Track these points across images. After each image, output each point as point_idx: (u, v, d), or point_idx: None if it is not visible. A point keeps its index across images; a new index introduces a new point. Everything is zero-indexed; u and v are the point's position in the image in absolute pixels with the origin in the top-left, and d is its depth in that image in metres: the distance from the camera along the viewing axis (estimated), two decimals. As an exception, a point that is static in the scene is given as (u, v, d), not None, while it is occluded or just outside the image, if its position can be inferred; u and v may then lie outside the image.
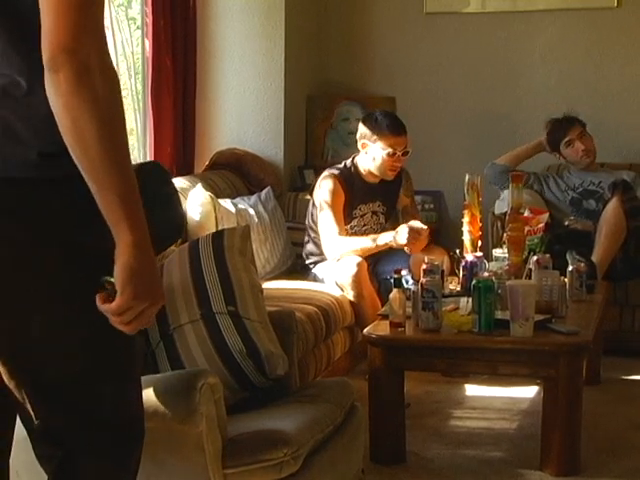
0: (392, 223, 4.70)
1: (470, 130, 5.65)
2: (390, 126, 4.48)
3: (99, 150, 1.49)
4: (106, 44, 1.53)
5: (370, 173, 4.54)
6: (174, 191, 2.44)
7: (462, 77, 5.65)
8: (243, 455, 2.33)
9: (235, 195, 4.79)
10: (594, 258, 4.50)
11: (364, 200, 4.58)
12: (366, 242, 4.39)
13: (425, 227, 4.28)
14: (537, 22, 5.55)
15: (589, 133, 5.05)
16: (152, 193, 2.45)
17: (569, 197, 5.04)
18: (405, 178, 4.72)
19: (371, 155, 4.49)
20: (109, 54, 1.53)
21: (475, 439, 3.67)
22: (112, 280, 1.56)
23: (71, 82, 1.46)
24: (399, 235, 4.25)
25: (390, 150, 4.43)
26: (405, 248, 4.25)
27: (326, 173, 4.54)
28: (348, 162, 4.59)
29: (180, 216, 2.62)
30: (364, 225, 4.60)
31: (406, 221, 4.59)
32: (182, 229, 2.62)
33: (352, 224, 4.54)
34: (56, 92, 1.48)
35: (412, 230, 4.23)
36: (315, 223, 4.56)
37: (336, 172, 4.52)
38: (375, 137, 4.46)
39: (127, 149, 1.56)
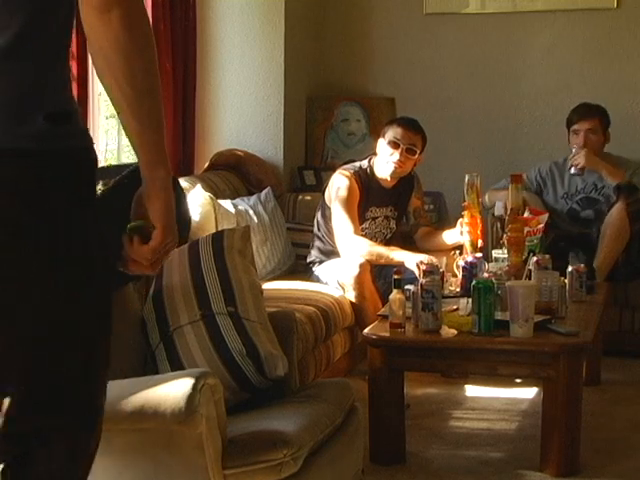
0: (400, 225, 4.71)
1: (470, 131, 5.65)
2: (401, 119, 4.53)
3: (145, 82, 1.61)
4: None
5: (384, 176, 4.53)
6: (181, 189, 2.44)
7: (462, 78, 5.65)
8: (243, 456, 2.33)
9: (235, 196, 4.80)
10: (596, 262, 4.49)
11: (377, 203, 4.56)
12: (384, 251, 4.36)
13: (435, 261, 4.18)
14: (537, 23, 5.56)
15: (604, 131, 4.95)
16: None
17: (567, 207, 4.98)
18: (416, 182, 4.71)
19: (379, 149, 4.48)
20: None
21: (475, 440, 3.67)
22: (141, 223, 1.68)
23: (122, 20, 1.58)
24: (412, 262, 4.20)
25: (392, 138, 4.41)
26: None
27: (341, 171, 4.52)
28: (364, 163, 4.55)
29: (187, 215, 2.62)
30: (375, 228, 4.58)
31: (417, 222, 4.67)
32: (189, 228, 2.62)
33: (363, 226, 4.51)
34: (107, 29, 1.58)
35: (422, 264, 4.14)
36: (326, 220, 4.52)
37: (352, 170, 4.49)
38: (385, 129, 4.48)
39: (161, 88, 1.67)
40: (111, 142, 4.76)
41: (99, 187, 2.32)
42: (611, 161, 4.95)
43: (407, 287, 3.51)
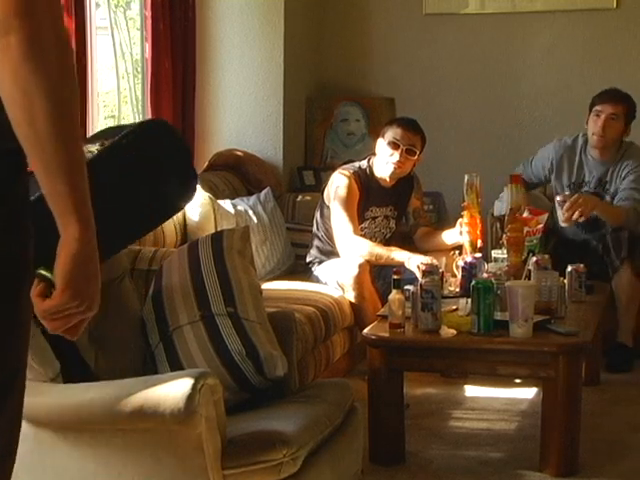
0: (400, 225, 4.71)
1: (469, 131, 5.65)
2: (400, 120, 4.52)
3: (48, 126, 1.36)
4: (61, 12, 1.42)
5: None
6: (188, 149, 2.43)
7: (461, 78, 5.66)
8: (242, 456, 2.34)
9: (234, 196, 4.80)
10: (621, 337, 4.51)
11: (377, 203, 4.55)
12: (384, 251, 4.36)
13: (436, 263, 4.14)
14: (536, 23, 5.56)
15: (627, 121, 4.68)
16: (167, 151, 2.43)
17: None
18: (416, 182, 4.70)
19: (378, 150, 4.48)
20: (64, 24, 1.41)
21: (474, 440, 3.67)
22: (48, 275, 1.44)
23: (22, 47, 1.33)
24: (412, 263, 4.19)
25: (392, 139, 4.41)
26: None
27: (340, 171, 4.51)
28: (363, 163, 4.53)
29: (195, 173, 2.61)
30: (375, 227, 4.58)
31: (417, 222, 4.66)
32: (195, 187, 2.62)
33: (363, 225, 4.51)
34: (4, 58, 1.34)
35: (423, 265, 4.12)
36: (325, 219, 4.52)
37: (351, 170, 4.48)
38: (384, 130, 4.48)
39: (78, 131, 1.43)
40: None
41: (96, 148, 2.28)
42: (633, 148, 4.74)
43: (406, 287, 3.51)
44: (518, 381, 4.25)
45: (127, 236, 2.61)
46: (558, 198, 4.48)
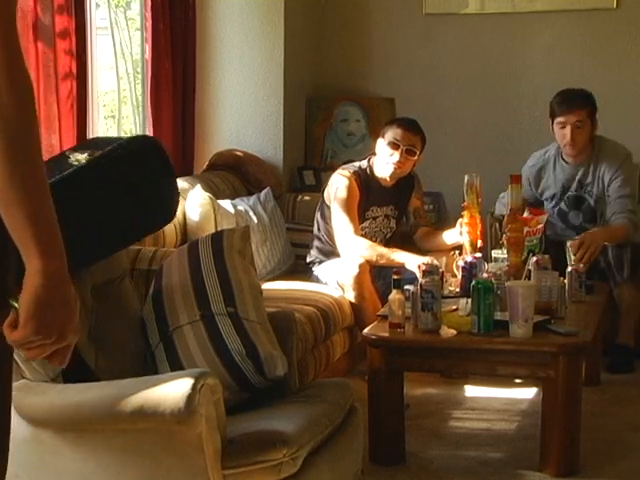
0: (400, 224, 4.71)
1: (469, 131, 5.65)
2: (400, 120, 4.53)
3: (3, 164, 1.33)
4: (16, 41, 1.35)
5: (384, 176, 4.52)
6: (173, 170, 2.46)
7: (461, 78, 5.65)
8: (242, 456, 2.34)
9: (234, 196, 4.80)
10: (621, 340, 4.52)
11: (378, 202, 4.55)
12: (385, 252, 4.35)
13: (436, 263, 4.12)
14: (536, 23, 5.56)
15: (593, 121, 4.63)
16: (151, 170, 2.45)
17: (557, 208, 4.75)
18: (416, 182, 4.70)
19: (378, 150, 4.48)
20: (21, 54, 1.35)
21: (474, 440, 3.67)
22: (17, 306, 1.39)
23: None
24: (412, 263, 4.17)
25: (392, 139, 4.41)
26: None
27: (340, 171, 4.51)
28: (363, 163, 4.54)
29: (177, 194, 2.63)
30: (375, 227, 4.58)
31: (417, 222, 4.66)
32: (176, 208, 2.65)
33: (363, 225, 4.51)
34: None
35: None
36: (325, 220, 4.52)
37: (351, 170, 4.48)
38: (384, 130, 4.48)
39: (39, 162, 1.39)
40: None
41: (84, 157, 2.29)
42: (606, 146, 4.70)
43: (406, 287, 3.51)
44: (518, 381, 4.25)
45: (106, 247, 2.62)
46: (569, 243, 4.32)
